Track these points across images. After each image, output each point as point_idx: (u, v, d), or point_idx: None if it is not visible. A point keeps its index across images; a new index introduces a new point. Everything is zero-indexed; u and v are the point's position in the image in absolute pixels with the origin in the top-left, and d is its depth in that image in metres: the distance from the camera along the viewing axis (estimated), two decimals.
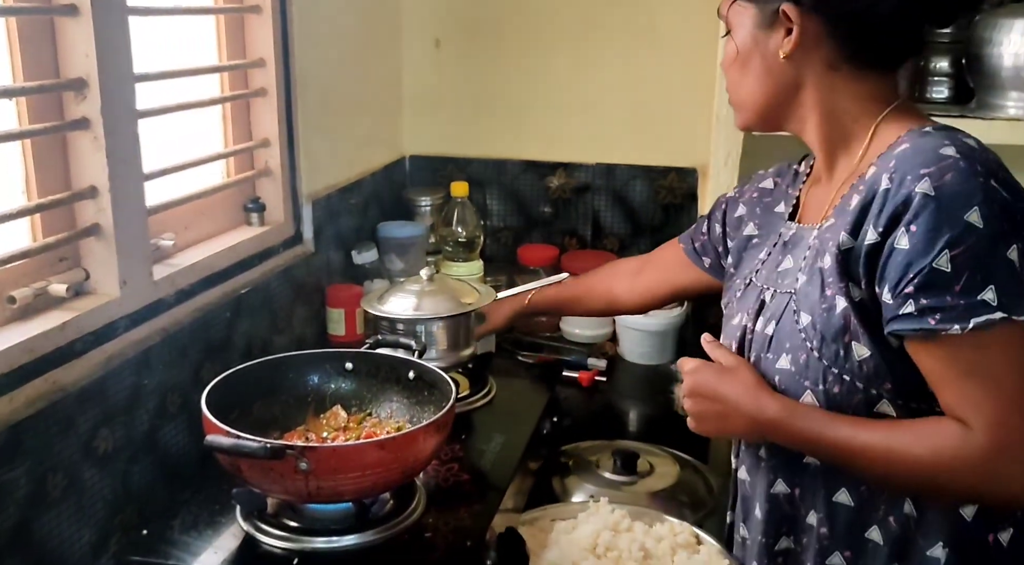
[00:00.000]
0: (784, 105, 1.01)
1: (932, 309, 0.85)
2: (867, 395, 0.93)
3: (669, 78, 1.87)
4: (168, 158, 1.27)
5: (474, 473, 1.22)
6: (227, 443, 0.95)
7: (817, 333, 0.95)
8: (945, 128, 0.95)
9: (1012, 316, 0.83)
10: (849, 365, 0.93)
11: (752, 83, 1.02)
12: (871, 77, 0.98)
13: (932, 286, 0.85)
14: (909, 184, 0.87)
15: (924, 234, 0.85)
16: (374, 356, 1.24)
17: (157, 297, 1.20)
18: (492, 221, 2.04)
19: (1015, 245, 0.84)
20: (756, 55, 1.00)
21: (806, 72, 0.99)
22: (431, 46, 1.98)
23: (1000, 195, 0.86)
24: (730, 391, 1.01)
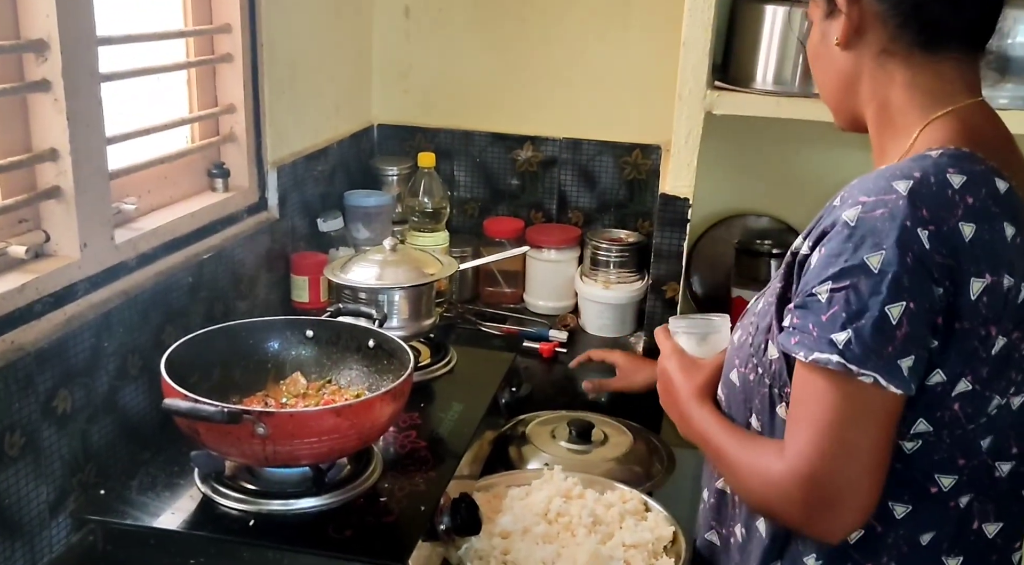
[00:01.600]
0: (851, 101, 0.96)
1: (797, 329, 0.85)
2: (771, 392, 0.94)
3: (636, 55, 1.89)
4: (132, 122, 1.27)
5: (431, 440, 1.25)
6: (184, 407, 0.97)
7: (756, 321, 0.97)
8: (955, 154, 0.85)
9: (850, 365, 0.80)
10: (765, 360, 0.94)
11: (823, 79, 0.99)
12: (929, 65, 0.90)
13: (806, 309, 0.84)
14: (844, 207, 0.84)
15: (823, 259, 0.83)
16: (335, 324, 1.26)
17: (118, 260, 1.20)
18: (459, 192, 2.05)
19: (904, 303, 0.79)
20: (823, 49, 0.96)
21: (863, 60, 0.93)
22: (401, 15, 1.97)
23: (920, 247, 0.80)
24: (680, 383, 1.08)
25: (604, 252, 1.87)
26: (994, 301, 0.82)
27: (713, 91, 1.52)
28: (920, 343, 0.81)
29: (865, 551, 0.91)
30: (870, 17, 0.91)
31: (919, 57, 0.90)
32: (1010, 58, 1.42)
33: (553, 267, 1.93)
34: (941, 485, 0.89)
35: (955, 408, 0.86)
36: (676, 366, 1.10)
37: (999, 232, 0.83)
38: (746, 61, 1.58)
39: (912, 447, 0.87)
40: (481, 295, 1.99)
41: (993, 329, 0.83)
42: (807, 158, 1.87)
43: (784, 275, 0.92)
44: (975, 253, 0.81)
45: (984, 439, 0.88)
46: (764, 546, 0.98)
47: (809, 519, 0.85)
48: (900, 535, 0.91)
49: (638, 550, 1.14)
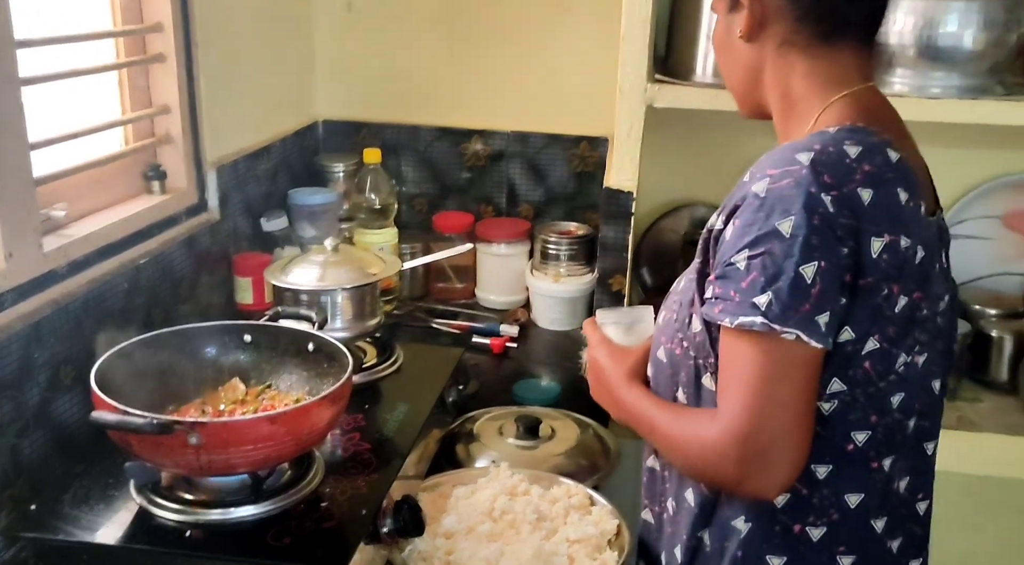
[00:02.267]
0: (755, 90, 1.01)
1: (719, 298, 0.89)
2: (696, 364, 0.98)
3: (578, 48, 1.88)
4: (61, 126, 1.24)
5: (375, 442, 1.24)
6: (113, 419, 0.95)
7: (679, 298, 1.02)
8: (851, 129, 0.92)
9: (772, 325, 0.84)
10: (689, 333, 0.98)
11: (728, 70, 1.03)
12: (826, 54, 0.96)
13: (726, 278, 0.89)
14: (753, 181, 0.89)
15: (738, 230, 0.88)
16: (273, 328, 1.24)
17: (47, 269, 1.17)
18: (407, 188, 2.04)
19: (816, 263, 0.84)
20: (728, 41, 1.01)
21: (765, 52, 0.98)
22: (343, 9, 1.95)
23: (825, 209, 0.85)
24: (610, 371, 1.10)
25: (554, 245, 1.87)
26: (894, 259, 0.87)
27: (654, 85, 1.52)
28: (834, 299, 0.86)
29: (792, 513, 0.96)
30: (772, 11, 0.95)
31: (817, 47, 0.96)
32: (940, 48, 1.45)
33: (503, 261, 1.93)
34: (856, 441, 0.94)
35: (866, 366, 0.91)
36: (605, 354, 1.13)
37: (894, 196, 0.89)
38: (686, 54, 1.58)
39: (829, 408, 0.92)
40: (432, 291, 1.99)
41: (895, 287, 0.89)
42: (749, 147, 1.85)
43: (701, 251, 0.96)
44: (874, 214, 0.87)
45: (895, 396, 0.94)
46: (693, 514, 1.02)
47: (745, 476, 0.89)
48: (825, 496, 0.95)
49: (582, 545, 1.15)
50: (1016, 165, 1.82)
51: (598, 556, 1.13)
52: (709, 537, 1.01)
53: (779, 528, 0.97)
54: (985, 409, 1.67)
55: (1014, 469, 1.66)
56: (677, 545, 1.06)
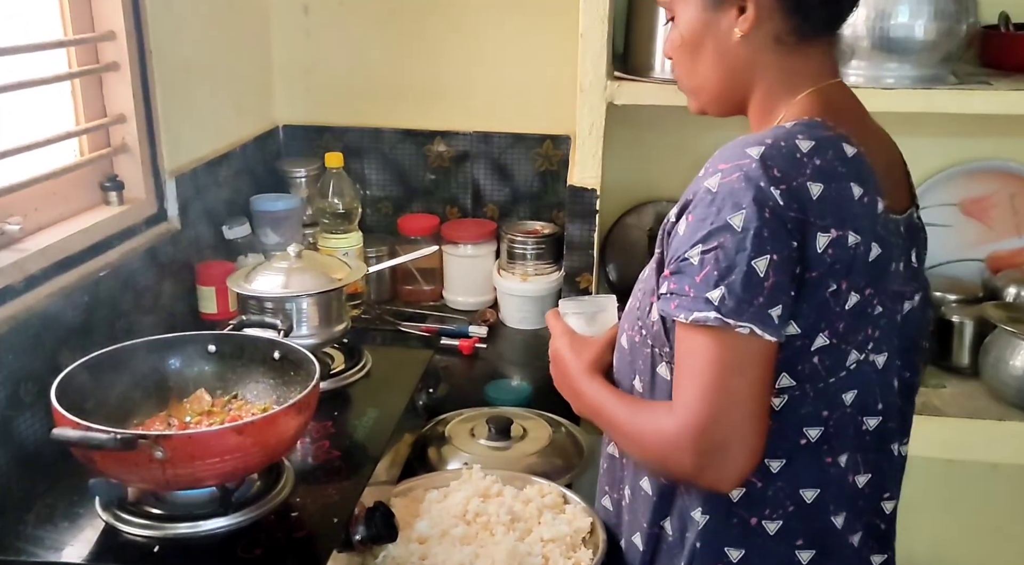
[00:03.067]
0: (742, 87, 0.99)
1: (674, 294, 0.90)
2: (652, 353, 1.00)
3: (539, 46, 1.88)
4: (13, 139, 1.21)
5: (345, 449, 1.23)
6: (74, 435, 0.94)
7: (641, 287, 1.03)
8: (807, 123, 0.93)
9: (727, 319, 0.85)
10: (647, 322, 1.00)
11: (706, 69, 1.00)
12: (804, 50, 0.97)
13: (680, 274, 0.89)
14: (705, 176, 0.90)
15: (692, 225, 0.89)
16: (237, 337, 1.23)
17: (3, 285, 1.15)
18: (371, 191, 2.03)
19: (768, 256, 0.85)
20: (708, 39, 0.97)
21: (757, 49, 0.96)
22: (300, 12, 1.93)
23: (775, 203, 0.86)
24: (571, 361, 1.11)
25: (520, 245, 1.87)
26: (841, 255, 0.88)
27: (613, 82, 1.53)
28: (786, 291, 0.87)
29: (748, 506, 0.97)
30: (774, 6, 0.94)
31: (796, 43, 0.96)
32: (892, 39, 1.47)
33: (470, 262, 1.93)
34: (808, 436, 0.95)
35: (815, 361, 0.92)
36: (566, 344, 1.13)
37: (846, 191, 0.89)
38: (644, 51, 1.59)
39: (780, 403, 0.93)
40: (400, 294, 1.98)
41: (844, 283, 0.89)
42: (710, 142, 1.87)
43: (660, 243, 0.97)
44: (821, 209, 0.87)
45: (847, 393, 0.95)
46: (652, 503, 1.04)
47: (702, 469, 0.89)
48: (779, 488, 0.96)
49: (556, 544, 1.15)
50: (972, 153, 1.85)
51: (572, 554, 1.14)
52: (670, 526, 1.03)
53: (736, 521, 0.98)
54: (948, 394, 1.70)
55: (978, 452, 1.69)
56: (636, 533, 1.08)
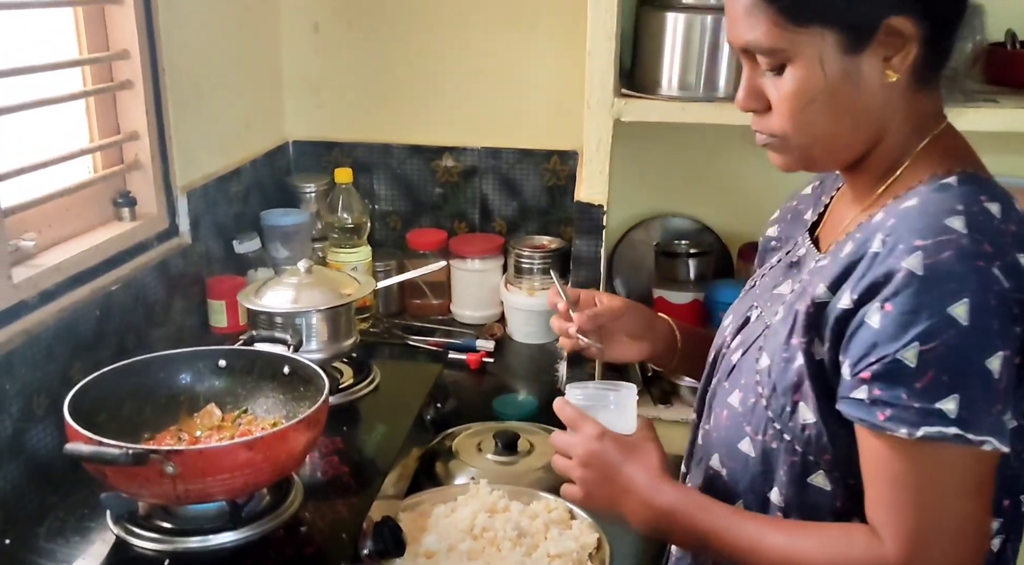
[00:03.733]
0: (872, 136, 0.86)
1: (884, 403, 0.76)
2: (804, 461, 0.86)
3: (546, 63, 1.90)
4: (29, 155, 1.23)
5: (354, 464, 1.24)
6: (87, 450, 0.95)
7: (770, 381, 0.88)
8: (972, 179, 0.82)
9: (967, 435, 0.73)
10: (792, 425, 0.86)
11: (834, 120, 0.84)
12: (929, 88, 0.85)
13: (891, 378, 0.76)
14: (898, 255, 0.76)
15: (898, 317, 0.75)
16: (248, 352, 1.24)
17: (17, 300, 1.17)
18: (380, 206, 2.04)
19: (1000, 352, 0.74)
20: (844, 86, 0.82)
21: (896, 91, 0.83)
22: (310, 30, 1.95)
23: (1000, 285, 0.74)
24: (632, 471, 0.94)
25: (527, 259, 1.88)
26: None
27: (620, 99, 1.54)
28: (1013, 391, 0.76)
29: None
30: (918, 43, 0.81)
31: (927, 80, 0.85)
32: None
33: (478, 277, 1.94)
34: None
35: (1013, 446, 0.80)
36: (615, 449, 0.95)
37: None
38: (651, 68, 1.60)
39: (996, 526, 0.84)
40: (408, 308, 1.99)
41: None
42: (716, 159, 1.91)
43: (807, 328, 0.84)
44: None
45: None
46: None
47: None
48: None
49: (563, 560, 1.15)
50: None
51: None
52: None
53: None
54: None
55: None
56: None
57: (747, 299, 1.04)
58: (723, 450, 0.94)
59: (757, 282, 1.05)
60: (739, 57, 0.88)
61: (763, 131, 0.89)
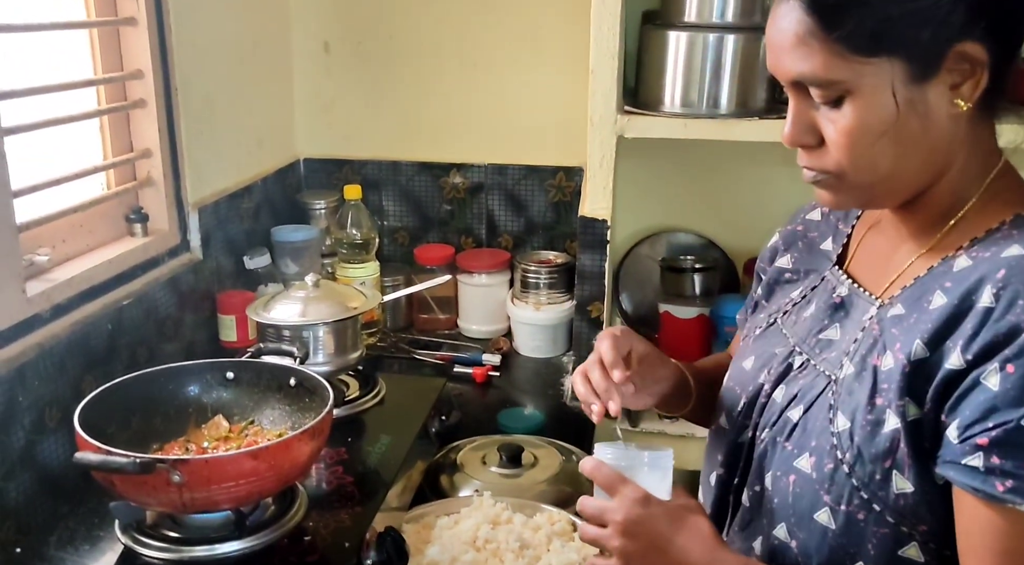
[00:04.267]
0: (937, 171, 0.81)
1: (1004, 473, 0.71)
2: (896, 532, 0.79)
3: (551, 81, 1.93)
4: (43, 173, 1.27)
5: (358, 475, 1.25)
6: (96, 459, 0.97)
7: (854, 446, 0.80)
8: None
9: None
10: (884, 494, 0.79)
11: (899, 153, 0.78)
12: (991, 119, 0.81)
13: (1013, 446, 0.70)
14: (1020, 312, 0.71)
15: (1022, 380, 0.70)
16: (255, 364, 1.26)
17: (31, 313, 1.19)
18: (388, 222, 2.07)
19: None
20: (910, 118, 0.77)
21: (962, 122, 0.79)
22: (320, 50, 1.99)
23: None
24: (685, 543, 0.85)
25: (533, 274, 1.90)
26: None
27: (623, 116, 1.56)
28: None
29: None
30: (985, 66, 0.76)
31: (992, 110, 0.81)
32: None
33: (484, 291, 1.96)
34: None
35: None
36: (664, 517, 0.86)
37: None
38: (654, 85, 1.62)
39: None
40: (415, 322, 2.01)
41: None
42: (720, 174, 1.92)
43: (902, 389, 0.77)
44: None
45: None
46: None
47: None
48: None
49: None
50: None
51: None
52: None
53: None
54: None
55: None
56: None
57: (775, 339, 0.97)
58: (791, 520, 0.85)
59: (780, 320, 0.98)
60: (787, 90, 0.82)
61: (815, 168, 0.82)
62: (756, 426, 0.93)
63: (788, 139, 0.83)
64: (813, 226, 1.03)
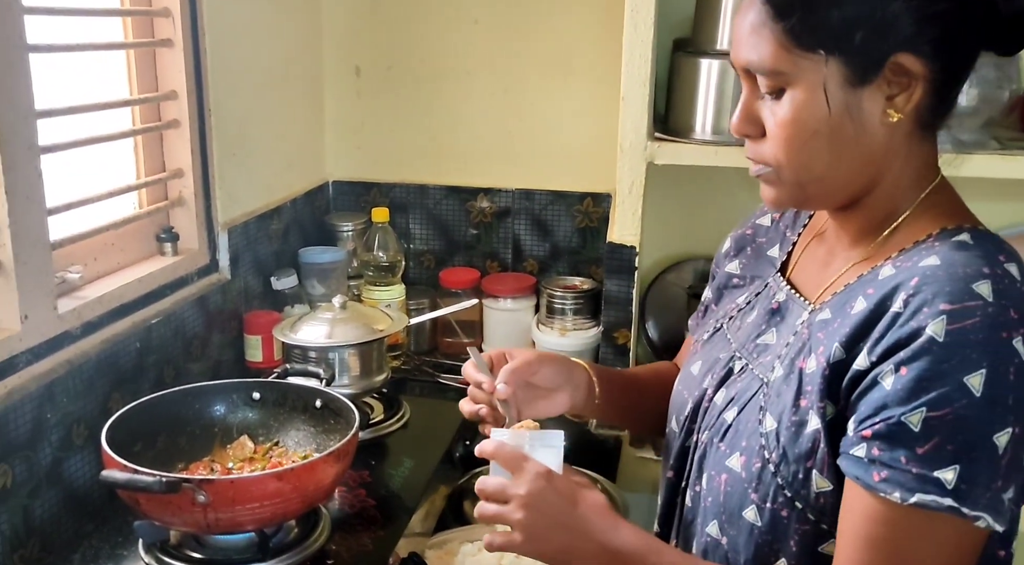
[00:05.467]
0: (868, 180, 0.83)
1: (882, 463, 0.74)
2: (816, 529, 0.82)
3: (580, 107, 1.93)
4: (77, 191, 1.28)
5: (381, 498, 1.25)
6: (122, 478, 0.97)
7: (779, 446, 0.83)
8: (985, 237, 0.80)
9: (962, 508, 0.71)
10: (805, 493, 0.82)
11: (832, 155, 0.81)
12: (931, 136, 0.83)
13: (893, 439, 0.73)
14: (922, 318, 0.73)
15: (911, 381, 0.73)
16: (281, 385, 1.26)
17: (62, 330, 1.20)
18: (415, 245, 2.08)
19: (1010, 429, 0.71)
20: (844, 120, 0.79)
21: (897, 134, 0.81)
22: (352, 74, 2.01)
23: (1020, 359, 0.71)
24: (585, 513, 0.87)
25: (559, 300, 1.89)
26: None
27: (653, 142, 1.56)
28: (1020, 469, 0.74)
29: None
30: (925, 85, 0.79)
31: (931, 127, 0.83)
32: None
33: (509, 316, 1.95)
34: None
35: None
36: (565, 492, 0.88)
37: None
38: (685, 112, 1.62)
39: None
40: (440, 346, 2.00)
41: None
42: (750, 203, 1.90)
43: (822, 392, 0.80)
44: None
45: None
46: None
47: None
48: None
49: None
50: (1014, 218, 1.84)
51: None
52: None
53: None
54: None
55: None
56: None
57: (720, 344, 1.00)
58: (722, 517, 0.88)
59: (725, 325, 1.01)
60: (740, 78, 0.86)
61: (756, 159, 0.86)
62: (699, 429, 0.96)
63: (734, 127, 0.86)
64: (762, 231, 1.06)
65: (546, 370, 1.04)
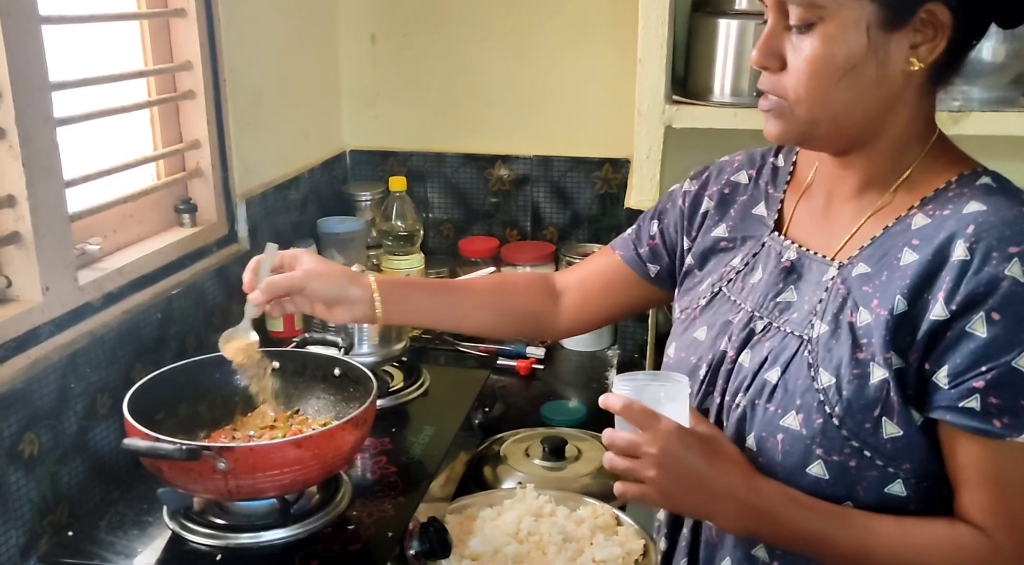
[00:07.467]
0: (879, 125, 0.85)
1: (1001, 411, 0.77)
2: (883, 473, 0.84)
3: (599, 71, 1.91)
4: (94, 163, 1.28)
5: (401, 465, 1.25)
6: (144, 446, 0.98)
7: (842, 400, 0.84)
8: (1001, 178, 0.85)
9: None
10: (874, 441, 0.83)
11: (851, 95, 0.82)
12: (936, 93, 0.86)
13: (1008, 386, 0.76)
14: (996, 264, 0.77)
15: (1011, 326, 0.76)
16: (301, 354, 1.27)
17: (83, 301, 1.21)
18: (433, 214, 2.07)
19: None
20: (868, 62, 0.81)
21: (911, 84, 0.83)
22: (367, 42, 2.00)
23: None
24: (721, 470, 0.87)
25: None
26: None
27: (672, 105, 1.54)
28: None
29: None
30: (947, 39, 0.81)
31: (940, 83, 0.86)
32: None
33: None
34: None
35: None
36: (696, 446, 0.87)
37: None
38: (704, 74, 1.59)
39: None
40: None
41: None
42: None
43: (889, 344, 0.82)
44: None
45: None
46: None
47: None
48: None
49: None
50: None
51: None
52: None
53: None
54: None
55: None
56: None
57: (725, 306, 0.99)
58: (783, 476, 0.88)
59: (724, 288, 1.00)
60: (768, 11, 0.85)
61: (772, 91, 0.86)
62: (724, 391, 0.95)
63: (755, 59, 0.86)
64: (742, 189, 1.05)
65: (316, 285, 1.09)
